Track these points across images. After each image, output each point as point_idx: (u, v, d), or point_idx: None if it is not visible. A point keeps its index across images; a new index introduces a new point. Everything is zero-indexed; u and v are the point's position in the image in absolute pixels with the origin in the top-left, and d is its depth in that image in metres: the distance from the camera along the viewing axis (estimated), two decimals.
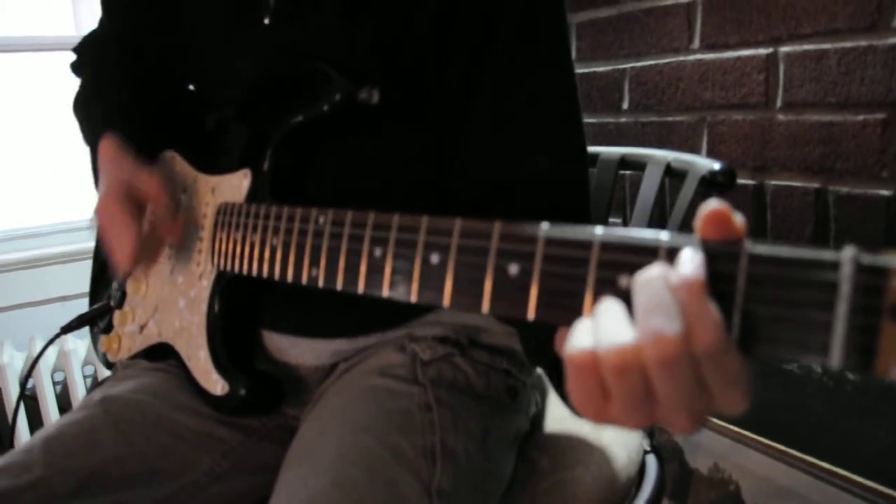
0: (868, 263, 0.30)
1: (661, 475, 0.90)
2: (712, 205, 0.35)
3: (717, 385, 0.35)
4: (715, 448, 1.51)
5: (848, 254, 0.30)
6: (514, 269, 0.42)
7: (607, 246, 0.39)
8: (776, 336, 0.32)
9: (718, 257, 0.35)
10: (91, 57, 0.99)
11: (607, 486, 0.82)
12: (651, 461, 0.92)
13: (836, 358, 0.30)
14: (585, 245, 0.39)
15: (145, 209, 0.78)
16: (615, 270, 0.38)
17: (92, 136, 0.88)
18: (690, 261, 0.35)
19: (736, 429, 1.46)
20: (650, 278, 0.36)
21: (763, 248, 0.33)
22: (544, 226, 0.41)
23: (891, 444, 1.21)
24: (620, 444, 0.87)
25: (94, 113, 0.91)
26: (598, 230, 0.39)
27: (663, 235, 0.37)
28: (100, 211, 0.78)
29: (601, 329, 0.37)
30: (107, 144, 0.82)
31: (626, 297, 0.37)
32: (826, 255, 0.31)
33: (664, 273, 0.36)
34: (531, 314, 0.41)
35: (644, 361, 0.35)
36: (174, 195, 0.83)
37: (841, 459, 1.29)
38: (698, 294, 0.34)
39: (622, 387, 0.36)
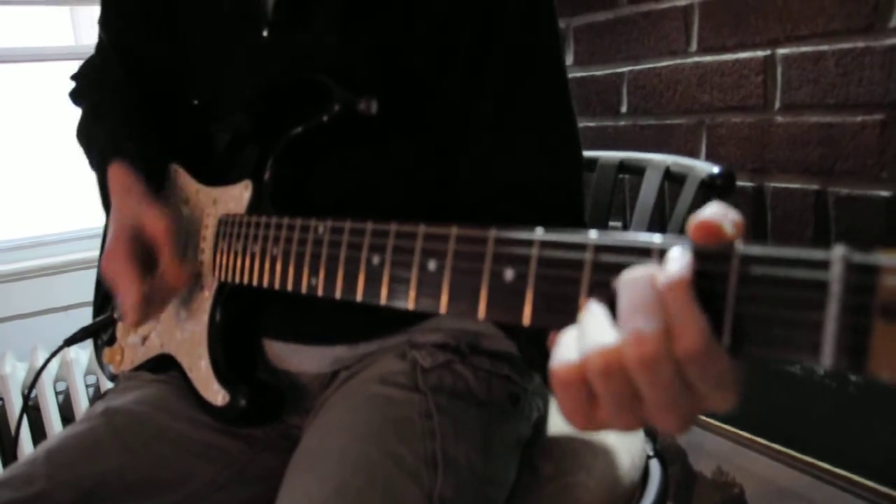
0: (858, 262, 0.29)
1: (665, 479, 0.90)
2: (704, 215, 0.35)
3: (703, 387, 0.35)
4: (718, 451, 1.51)
5: (838, 253, 0.30)
6: (509, 274, 0.43)
7: (601, 248, 0.39)
8: (768, 336, 0.32)
9: (710, 258, 0.35)
10: (90, 82, 0.98)
11: (611, 490, 0.82)
12: (654, 465, 0.91)
13: (827, 358, 0.30)
14: (580, 247, 0.39)
15: (153, 253, 0.77)
16: (609, 273, 0.38)
17: (98, 159, 0.86)
18: (677, 260, 0.35)
19: (739, 431, 1.46)
20: (635, 278, 0.36)
21: (754, 249, 0.33)
22: (539, 230, 0.42)
23: (895, 445, 1.21)
24: (624, 448, 0.87)
25: (97, 135, 0.90)
26: (593, 233, 0.39)
27: (657, 238, 0.37)
28: (106, 261, 0.77)
29: (585, 334, 0.37)
30: (116, 173, 0.81)
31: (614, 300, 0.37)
32: (816, 254, 0.31)
33: (650, 272, 0.36)
34: (527, 320, 0.42)
35: (627, 363, 0.35)
36: (180, 233, 0.81)
37: (845, 461, 1.28)
38: (683, 295, 0.34)
39: (608, 389, 0.36)
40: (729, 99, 1.37)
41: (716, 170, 0.93)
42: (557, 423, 0.90)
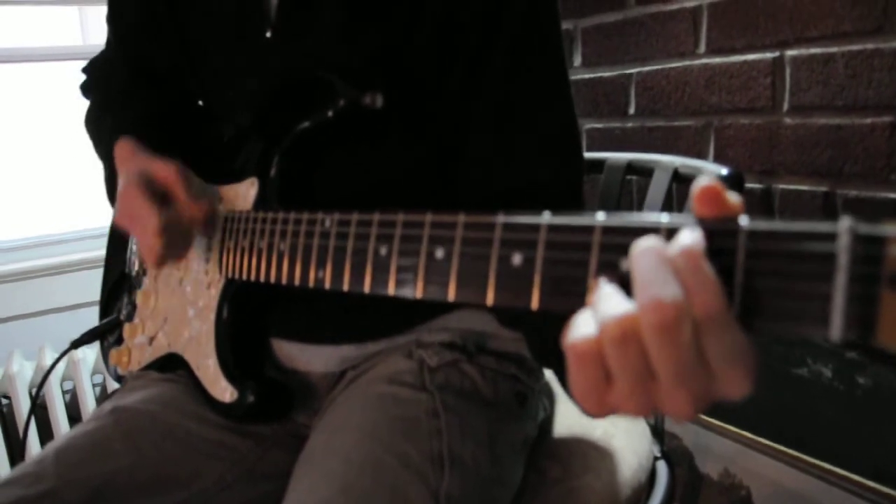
0: (865, 233, 0.29)
1: (672, 481, 0.90)
2: (702, 182, 0.35)
3: (717, 360, 0.34)
4: (725, 453, 1.50)
5: (845, 224, 0.30)
6: (517, 258, 0.42)
7: (609, 230, 0.39)
8: (777, 310, 0.32)
9: (717, 234, 0.34)
10: (99, 76, 1.00)
11: (618, 492, 0.81)
12: (661, 467, 0.91)
13: (836, 330, 0.30)
14: (587, 230, 0.39)
15: (166, 198, 0.76)
16: (617, 254, 0.38)
17: (104, 149, 0.88)
18: (689, 232, 0.35)
19: (746, 433, 1.45)
20: (647, 248, 0.36)
21: (760, 223, 0.33)
22: (546, 214, 0.42)
23: None
24: (631, 450, 0.87)
25: (104, 127, 0.91)
26: (600, 215, 0.39)
27: (663, 217, 0.37)
28: (120, 203, 0.77)
29: (600, 309, 0.37)
30: (122, 146, 0.82)
31: (625, 282, 0.37)
32: (823, 226, 0.31)
33: (660, 242, 0.36)
34: (535, 303, 0.41)
35: (644, 331, 0.35)
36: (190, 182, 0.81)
37: (852, 463, 1.28)
38: (696, 260, 0.34)
39: (624, 360, 0.36)
40: (737, 100, 1.36)
41: (724, 171, 0.93)
42: (564, 424, 0.90)
